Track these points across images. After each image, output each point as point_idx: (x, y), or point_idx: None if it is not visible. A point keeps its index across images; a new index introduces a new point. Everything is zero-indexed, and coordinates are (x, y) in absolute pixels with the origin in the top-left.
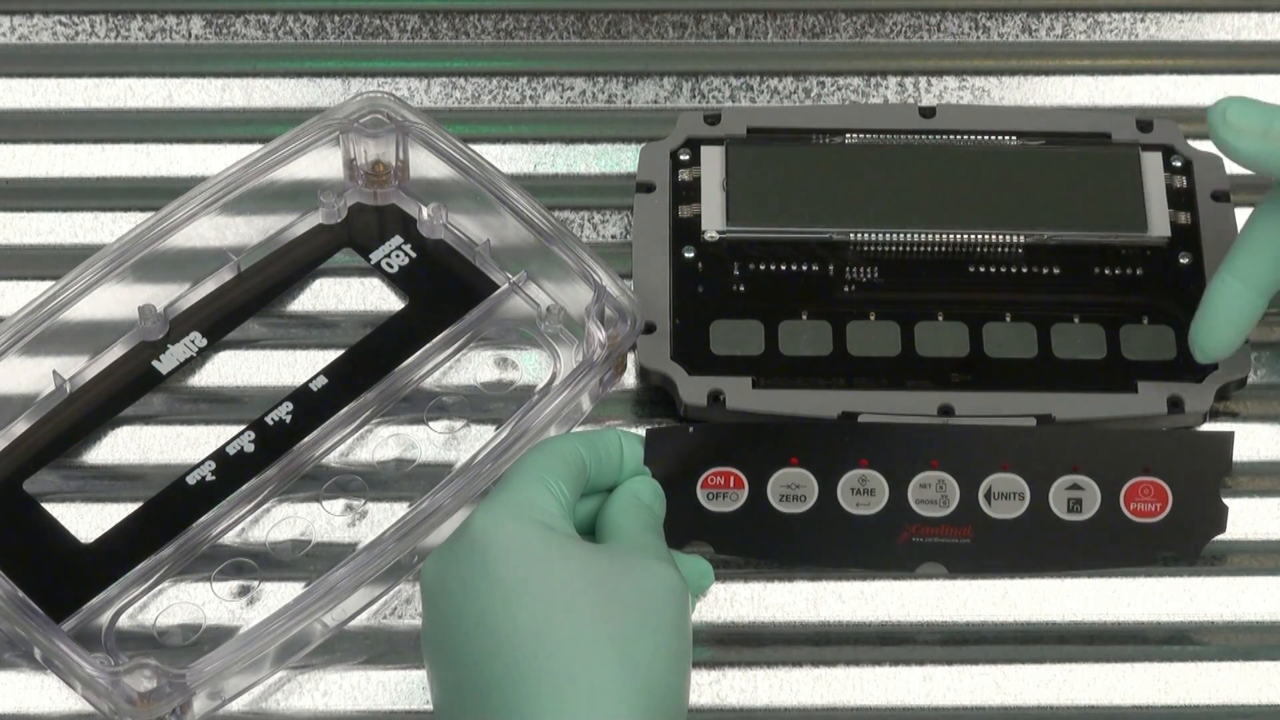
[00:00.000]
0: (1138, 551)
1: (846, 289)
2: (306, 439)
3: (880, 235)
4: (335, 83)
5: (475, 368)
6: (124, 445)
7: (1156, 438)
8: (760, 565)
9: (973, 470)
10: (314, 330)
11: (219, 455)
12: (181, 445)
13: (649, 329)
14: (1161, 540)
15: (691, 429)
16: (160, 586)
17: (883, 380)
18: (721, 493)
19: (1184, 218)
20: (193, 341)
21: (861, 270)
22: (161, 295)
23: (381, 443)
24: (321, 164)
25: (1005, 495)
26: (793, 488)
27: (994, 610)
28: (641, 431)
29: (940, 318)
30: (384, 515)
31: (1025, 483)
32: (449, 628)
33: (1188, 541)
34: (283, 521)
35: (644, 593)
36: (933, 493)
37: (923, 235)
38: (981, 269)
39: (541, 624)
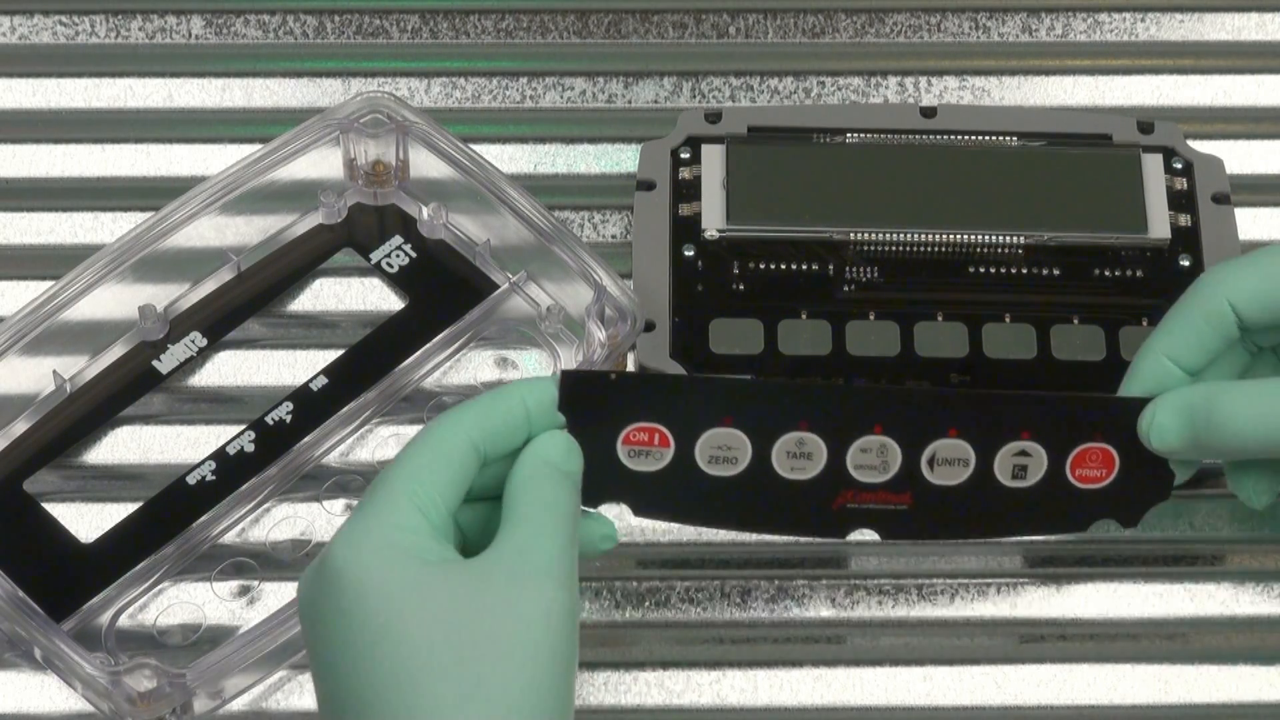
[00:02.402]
0: (1076, 517)
1: (846, 289)
2: (306, 439)
3: (880, 235)
4: (335, 83)
5: (475, 368)
6: (124, 445)
7: (1109, 404)
8: (683, 528)
9: (917, 435)
10: (314, 330)
11: (219, 455)
12: (181, 445)
13: (649, 327)
14: (1102, 507)
15: (614, 375)
16: (160, 586)
17: (882, 380)
18: (645, 450)
19: (1184, 220)
20: (193, 341)
21: (861, 270)
22: (161, 295)
23: (382, 442)
24: (321, 164)
25: (949, 461)
26: (724, 449)
27: (994, 610)
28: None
29: (940, 318)
30: None
31: (971, 449)
32: (319, 657)
33: (1129, 508)
34: (283, 521)
35: (518, 625)
36: (873, 458)
37: (923, 235)
38: (981, 269)
39: (401, 677)
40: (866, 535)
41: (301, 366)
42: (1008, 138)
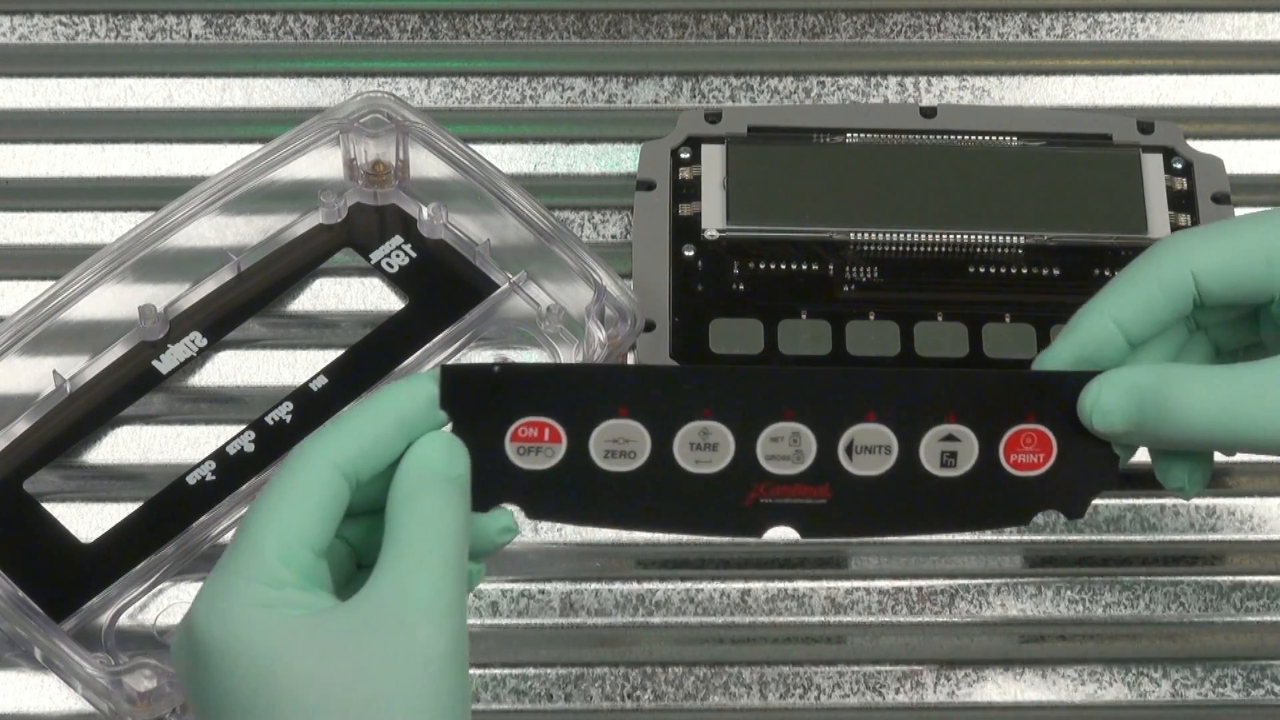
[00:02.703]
0: (1016, 509)
1: (846, 289)
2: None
3: (880, 235)
4: (335, 83)
5: None
6: (124, 445)
7: (1042, 380)
8: (589, 529)
9: (832, 421)
10: (314, 330)
11: (219, 455)
12: (181, 445)
13: (649, 327)
14: (1044, 495)
15: (497, 368)
16: (160, 586)
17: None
18: (535, 447)
19: (1184, 220)
20: (193, 341)
21: (861, 270)
22: (161, 295)
23: None
24: (321, 164)
25: (869, 449)
26: (620, 442)
27: (994, 610)
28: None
29: (940, 318)
30: None
31: (893, 434)
32: (198, 712)
33: (1073, 496)
34: None
35: (396, 678)
36: (785, 447)
37: (923, 235)
38: (981, 269)
39: None
40: (784, 533)
41: (301, 366)
42: (1008, 138)
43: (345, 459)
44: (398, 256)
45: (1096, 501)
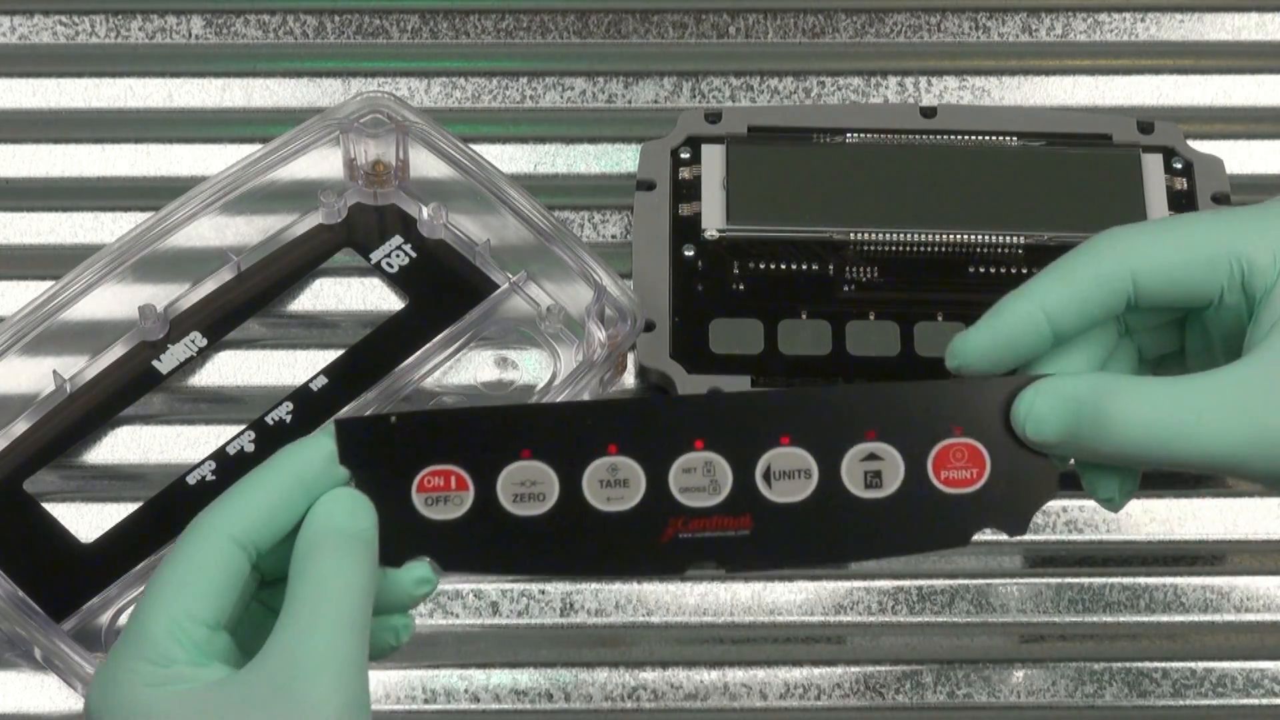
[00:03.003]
0: (952, 530)
1: (846, 289)
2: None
3: (880, 235)
4: (335, 83)
5: (475, 367)
6: (124, 445)
7: (964, 390)
8: (513, 580)
9: (745, 447)
10: (314, 330)
11: (219, 455)
12: (181, 445)
13: (649, 327)
14: (981, 513)
15: (394, 418)
16: None
17: (882, 380)
18: (442, 496)
19: None
20: (193, 341)
21: (861, 270)
22: (161, 295)
23: None
24: (321, 164)
25: (788, 474)
26: (528, 485)
27: (994, 610)
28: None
29: (940, 318)
30: None
31: (811, 457)
32: None
33: (1012, 512)
34: None
35: None
36: (699, 477)
37: (923, 235)
38: (981, 269)
39: None
40: (707, 569)
41: (301, 366)
42: (1008, 138)
43: (240, 528)
44: (398, 256)
45: (1097, 502)
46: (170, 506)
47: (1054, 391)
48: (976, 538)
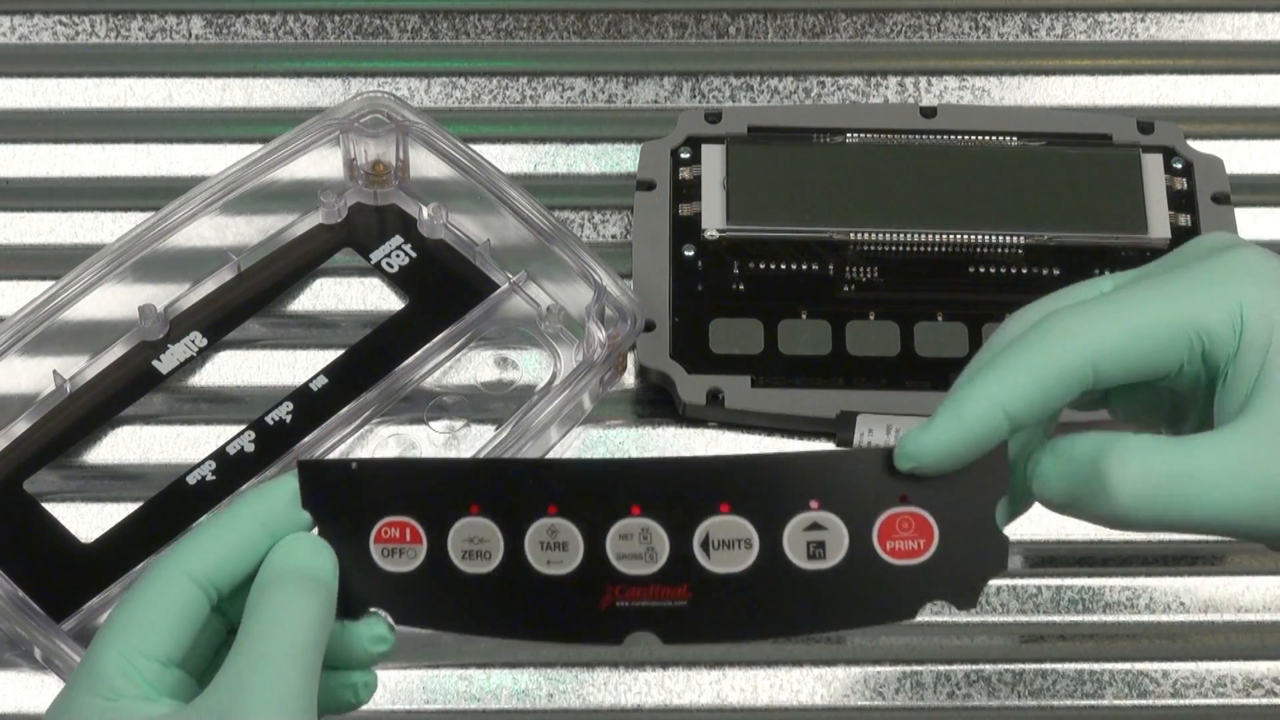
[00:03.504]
0: (901, 601)
1: (846, 289)
2: (306, 439)
3: (880, 235)
4: (335, 83)
5: (475, 367)
6: (124, 445)
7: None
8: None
9: (683, 515)
10: (314, 330)
11: (219, 455)
12: (181, 445)
13: (649, 327)
14: (929, 585)
15: (354, 464)
16: None
17: (882, 380)
18: (398, 548)
19: (1184, 220)
20: (193, 341)
21: (861, 270)
22: (161, 295)
23: (381, 443)
24: (321, 164)
25: (727, 543)
26: (475, 541)
27: (994, 610)
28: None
29: (940, 318)
30: None
31: (751, 526)
32: None
33: (961, 584)
34: None
35: None
36: (636, 544)
37: (923, 235)
38: (981, 269)
39: None
40: (645, 639)
41: (301, 366)
42: (1008, 138)
43: (200, 567)
44: (398, 256)
45: None
46: (170, 506)
47: (1061, 451)
48: (928, 611)
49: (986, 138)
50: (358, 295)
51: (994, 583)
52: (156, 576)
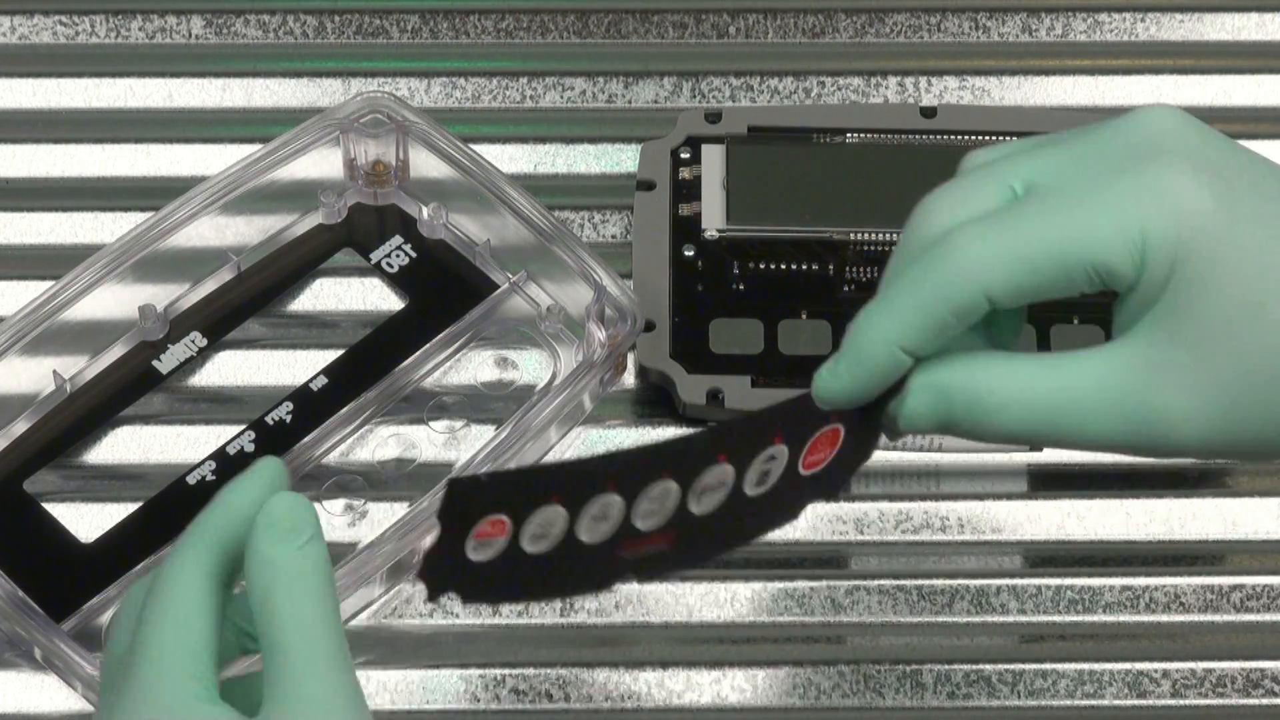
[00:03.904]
0: (796, 507)
1: (846, 289)
2: (306, 439)
3: (880, 235)
4: (335, 83)
5: (475, 367)
6: (124, 445)
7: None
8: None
9: (692, 472)
10: (314, 330)
11: (219, 455)
12: (181, 445)
13: (649, 327)
14: (815, 487)
15: (485, 477)
16: None
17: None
18: (489, 542)
19: None
20: (193, 341)
21: (861, 270)
22: (161, 295)
23: (381, 443)
24: (321, 164)
25: (711, 488)
26: (543, 526)
27: (994, 609)
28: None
29: None
30: (384, 515)
31: (731, 469)
32: None
33: (831, 479)
34: None
35: None
36: (654, 504)
37: None
38: None
39: None
40: (626, 580)
41: (301, 366)
42: (1008, 138)
43: (204, 593)
44: (398, 256)
45: (1096, 502)
46: (170, 506)
47: (926, 384)
48: (928, 611)
49: (986, 138)
50: (358, 295)
51: (994, 582)
52: (178, 579)
